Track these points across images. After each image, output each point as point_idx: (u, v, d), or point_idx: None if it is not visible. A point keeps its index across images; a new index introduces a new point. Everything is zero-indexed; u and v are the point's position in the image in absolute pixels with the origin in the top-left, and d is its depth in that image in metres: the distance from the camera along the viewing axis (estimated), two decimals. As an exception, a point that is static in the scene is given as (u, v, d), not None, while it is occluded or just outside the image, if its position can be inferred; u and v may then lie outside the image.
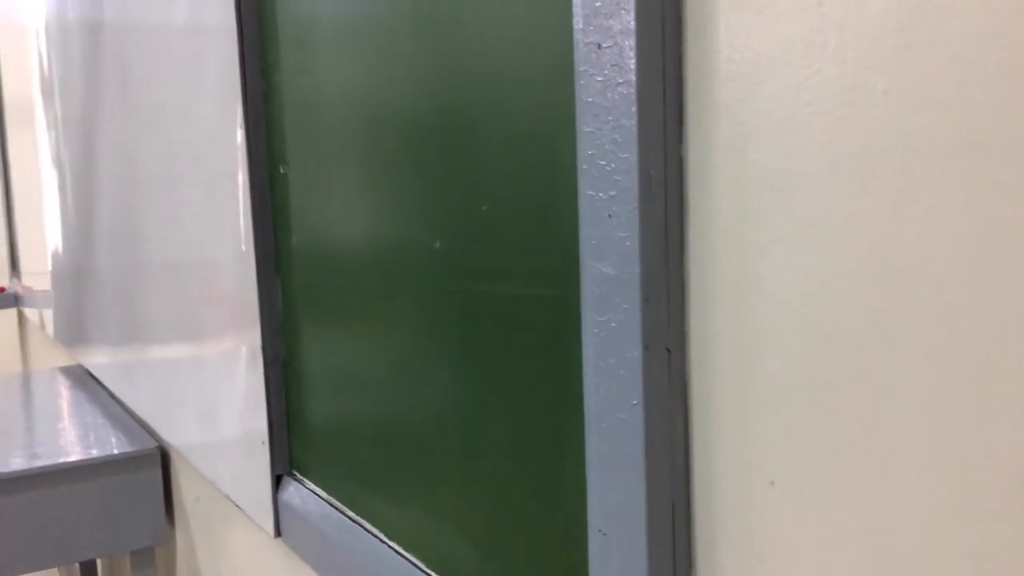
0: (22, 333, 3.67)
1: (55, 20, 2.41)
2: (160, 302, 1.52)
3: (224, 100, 1.09)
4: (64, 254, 2.40)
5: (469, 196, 0.68)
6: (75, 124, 2.12)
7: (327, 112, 0.90)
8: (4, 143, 3.62)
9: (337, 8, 0.86)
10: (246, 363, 1.12)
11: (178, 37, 1.27)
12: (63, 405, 2.02)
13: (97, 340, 2.09)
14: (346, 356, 0.92)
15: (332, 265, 0.93)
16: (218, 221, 1.18)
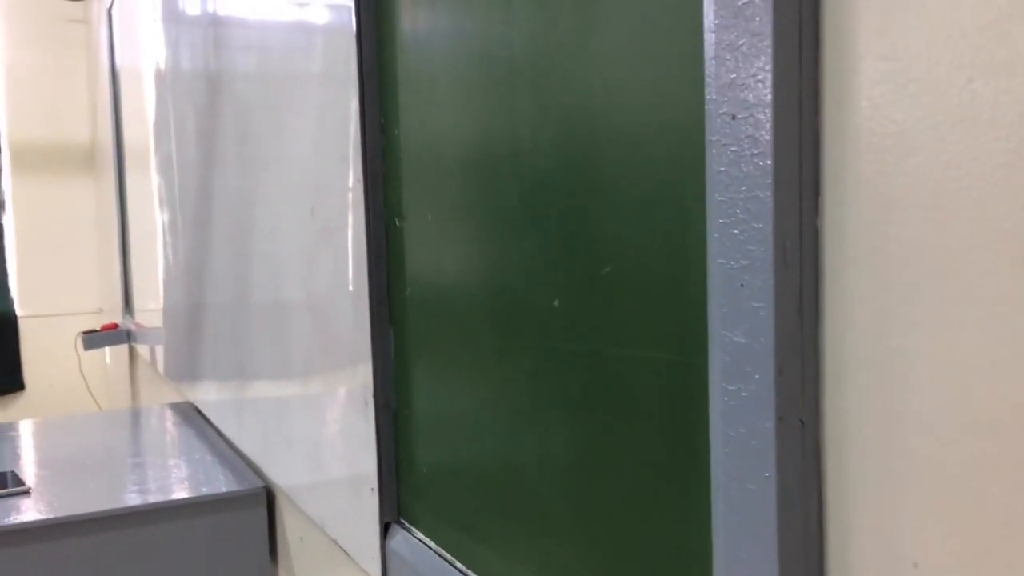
0: (133, 369, 3.82)
1: (169, 68, 2.53)
2: (269, 343, 1.57)
3: (343, 153, 1.13)
4: (175, 292, 2.49)
5: (591, 256, 0.69)
6: (189, 168, 2.21)
7: (445, 167, 0.92)
8: (122, 184, 3.80)
9: (458, 65, 0.88)
10: (357, 409, 1.14)
11: (300, 90, 1.32)
12: (173, 442, 2.09)
13: (206, 378, 2.16)
14: (458, 407, 0.93)
15: (446, 317, 0.94)
16: (332, 269, 1.21)
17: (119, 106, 3.70)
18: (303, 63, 1.32)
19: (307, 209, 1.31)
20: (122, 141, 3.71)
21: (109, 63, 3.82)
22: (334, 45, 1.17)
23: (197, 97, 2.07)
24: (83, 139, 4.90)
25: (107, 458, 2.03)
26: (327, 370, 1.29)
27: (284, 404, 1.51)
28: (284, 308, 1.47)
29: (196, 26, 2.10)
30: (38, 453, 2.07)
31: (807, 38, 0.49)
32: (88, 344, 3.53)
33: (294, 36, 1.35)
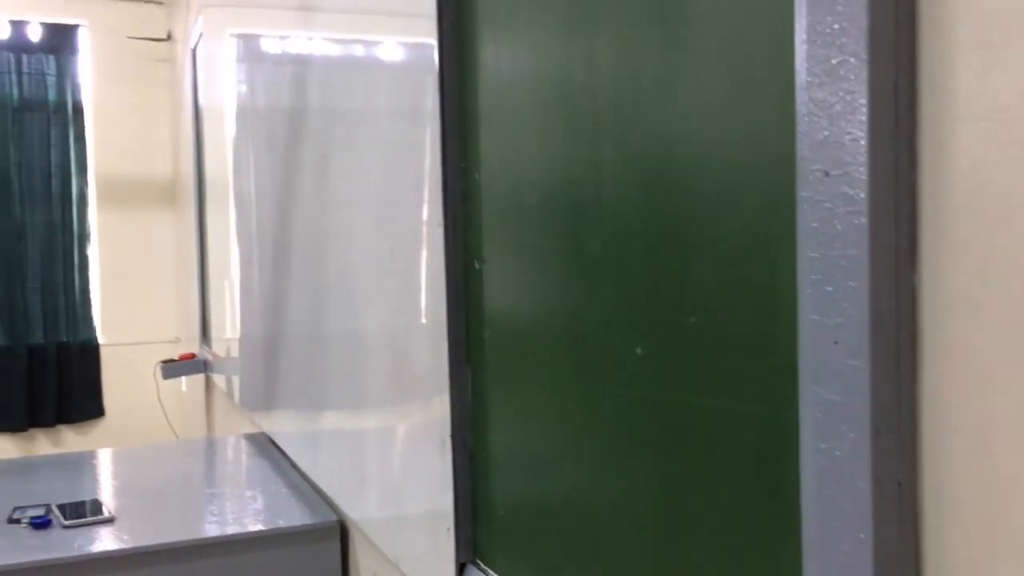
0: (208, 397, 3.90)
1: (249, 106, 2.61)
2: (345, 378, 1.60)
3: (424, 195, 1.15)
4: (252, 324, 2.55)
5: (676, 305, 0.69)
6: (267, 203, 2.27)
7: (526, 212, 0.93)
8: (202, 218, 3.91)
9: (540, 109, 0.90)
10: (434, 447, 1.15)
11: (380, 128, 1.35)
12: (248, 473, 2.13)
13: (281, 409, 2.20)
14: (536, 449, 0.94)
15: (525, 359, 0.95)
16: (411, 309, 1.23)
17: (201, 142, 3.83)
18: (384, 101, 1.35)
19: (386, 248, 1.34)
20: (203, 176, 3.83)
21: (192, 101, 3.96)
22: (416, 84, 1.19)
23: (277, 134, 2.13)
24: (165, 174, 5.07)
25: (185, 488, 2.08)
26: (403, 407, 1.31)
27: (359, 439, 1.53)
28: (360, 344, 1.49)
29: (276, 65, 2.16)
30: (119, 481, 2.12)
31: (903, 97, 0.48)
32: (167, 373, 3.62)
33: (375, 74, 1.39)
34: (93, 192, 5.01)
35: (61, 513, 1.72)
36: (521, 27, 0.94)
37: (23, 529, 1.65)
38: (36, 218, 4.86)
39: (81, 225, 4.99)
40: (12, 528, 1.66)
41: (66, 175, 4.93)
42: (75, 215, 4.96)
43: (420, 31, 1.16)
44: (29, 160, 4.84)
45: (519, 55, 0.95)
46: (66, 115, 4.91)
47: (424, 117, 1.16)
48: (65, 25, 4.90)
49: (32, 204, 4.85)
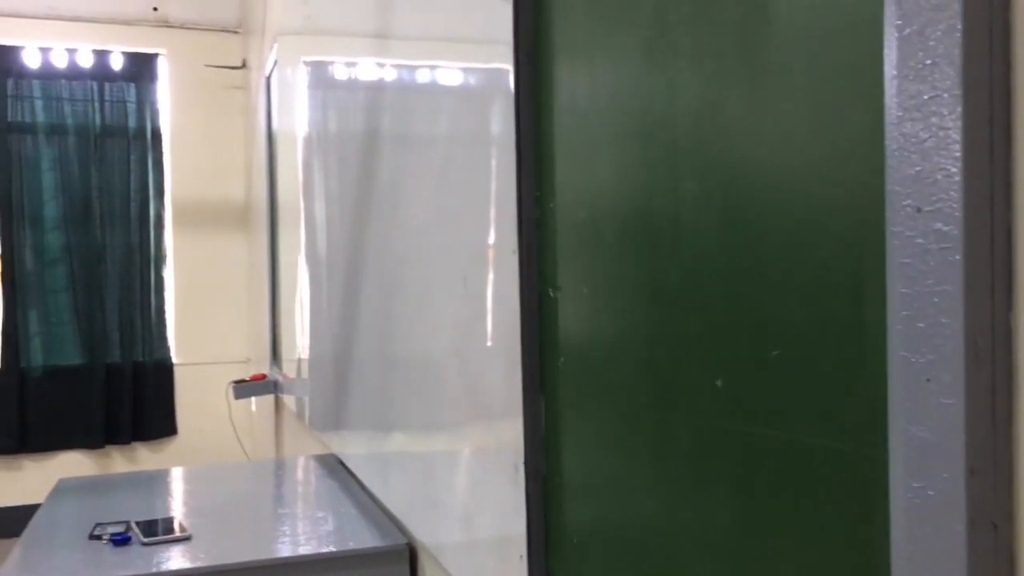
0: (278, 418, 3.97)
1: (321, 131, 2.67)
2: (416, 402, 1.61)
3: (498, 222, 1.17)
4: (323, 346, 2.59)
5: (757, 338, 0.69)
6: (339, 227, 2.31)
7: (602, 241, 0.93)
8: (274, 241, 4.00)
9: (617, 139, 0.90)
10: (506, 473, 1.16)
11: (454, 154, 1.37)
12: (318, 494, 2.16)
13: (351, 431, 2.23)
14: (611, 478, 0.93)
15: (600, 388, 0.95)
16: (484, 336, 1.24)
17: (274, 167, 3.92)
18: (457, 128, 1.37)
19: (459, 274, 1.35)
20: (275, 200, 3.92)
21: (266, 127, 4.06)
22: (490, 111, 1.21)
23: (349, 159, 2.17)
24: (238, 198, 5.20)
25: (258, 507, 2.11)
26: (476, 433, 1.32)
27: (429, 462, 1.55)
28: (432, 369, 1.51)
29: (349, 91, 2.21)
30: (193, 500, 2.17)
31: (998, 132, 0.48)
32: (238, 393, 3.70)
33: (449, 100, 1.41)
34: (169, 215, 5.16)
35: (140, 530, 1.77)
36: (599, 56, 0.95)
37: (104, 545, 1.70)
38: (115, 240, 5.03)
39: (157, 247, 5.14)
40: (94, 544, 1.71)
41: (144, 199, 5.09)
42: (152, 237, 5.11)
43: (496, 57, 1.17)
44: (110, 184, 5.01)
45: (596, 84, 0.95)
46: (145, 141, 5.08)
47: (498, 144, 1.18)
48: (145, 54, 5.08)
49: (112, 227, 5.02)
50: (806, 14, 0.64)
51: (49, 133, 4.92)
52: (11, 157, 4.83)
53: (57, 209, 4.92)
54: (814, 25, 0.63)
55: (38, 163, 4.90)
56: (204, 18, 5.12)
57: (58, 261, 4.94)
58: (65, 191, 4.92)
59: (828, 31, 0.62)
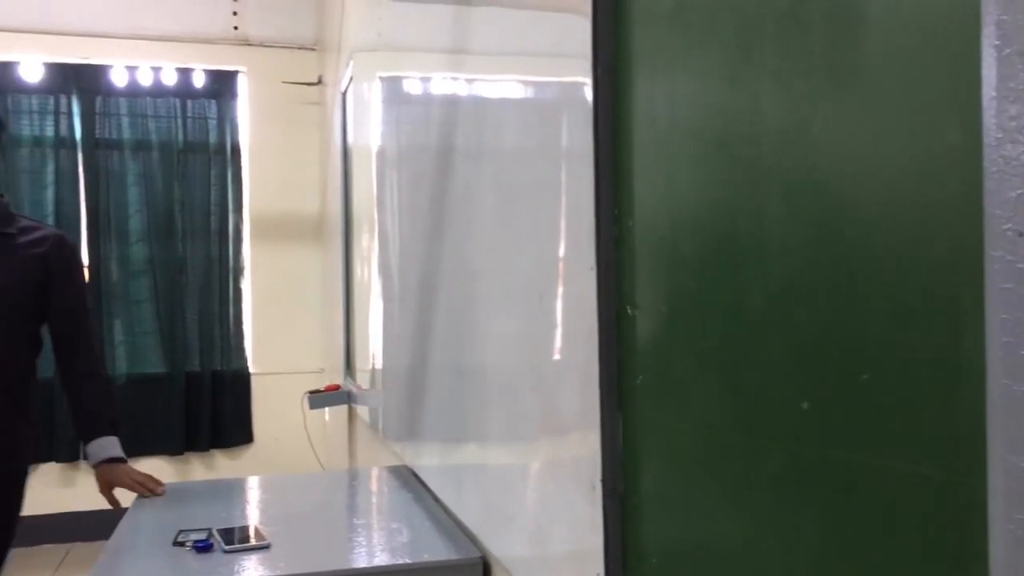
0: (351, 428, 4.03)
1: (395, 145, 2.71)
2: (490, 416, 1.62)
3: (575, 240, 1.17)
4: (397, 358, 2.62)
5: (846, 361, 0.68)
6: (414, 239, 2.34)
7: (683, 260, 0.93)
8: (348, 254, 4.07)
9: (701, 160, 0.90)
10: (583, 491, 1.15)
11: (531, 169, 1.38)
12: (392, 505, 2.19)
13: (425, 443, 2.25)
14: (692, 499, 0.93)
15: (680, 408, 0.94)
16: (560, 352, 1.25)
17: (349, 181, 3.99)
18: (533, 143, 1.37)
19: (534, 290, 1.36)
20: (350, 213, 3.99)
21: (341, 142, 4.13)
22: (567, 127, 1.21)
23: (424, 173, 2.19)
24: (313, 211, 5.30)
25: (333, 517, 2.15)
26: (550, 448, 1.32)
27: (504, 476, 1.55)
28: (506, 383, 1.51)
29: (424, 105, 2.24)
30: (271, 508, 2.22)
31: (1106, 155, 0.46)
32: (313, 403, 3.76)
33: (524, 116, 1.42)
34: (247, 228, 5.29)
35: (221, 538, 1.81)
36: (680, 72, 0.95)
37: (187, 552, 1.75)
38: (196, 252, 5.17)
39: (236, 259, 5.28)
40: (177, 551, 1.76)
41: (223, 212, 5.23)
42: (231, 250, 5.25)
43: (573, 71, 1.18)
44: (191, 198, 5.17)
45: (677, 100, 0.95)
46: (225, 156, 5.22)
47: (574, 159, 1.18)
48: (226, 72, 5.22)
49: (192, 239, 5.17)
50: (897, 33, 0.63)
51: (135, 149, 5.09)
52: (99, 172, 5.01)
53: (141, 222, 5.08)
54: (905, 45, 0.62)
55: (124, 178, 5.07)
56: (282, 36, 5.25)
57: (142, 273, 5.10)
58: (149, 205, 5.09)
59: (920, 50, 0.61)
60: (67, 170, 4.96)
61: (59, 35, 4.86)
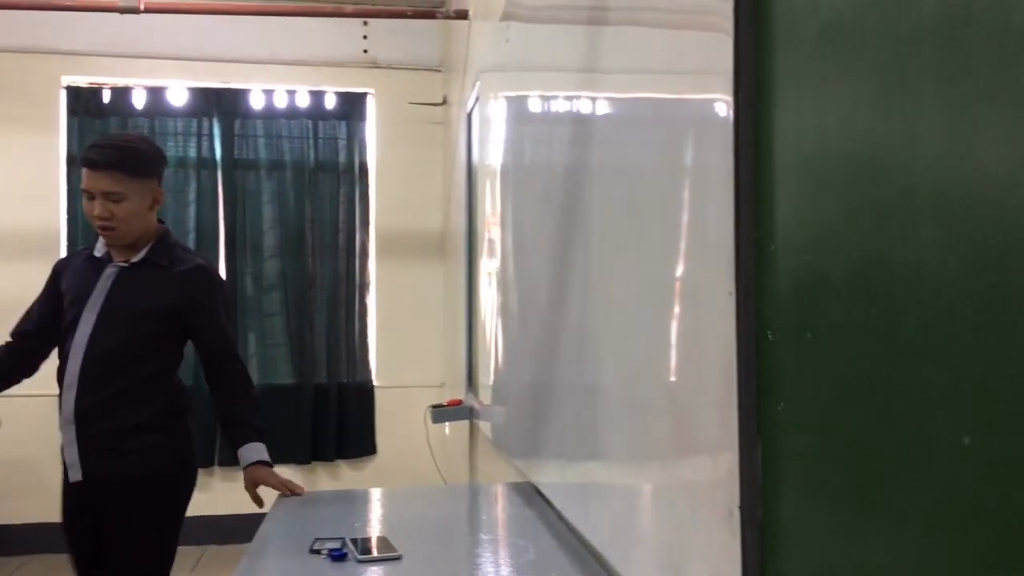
0: (472, 443, 4.08)
1: (520, 163, 2.74)
2: (618, 436, 1.62)
3: (713, 263, 1.16)
4: (520, 374, 2.65)
5: (1014, 395, 0.65)
6: (538, 256, 2.35)
7: (829, 287, 0.91)
8: (471, 270, 4.14)
9: (849, 186, 0.88)
10: (720, 518, 1.14)
11: (663, 193, 1.38)
12: (516, 522, 2.20)
13: (549, 460, 2.26)
14: (838, 531, 0.91)
15: (826, 437, 0.93)
16: (696, 376, 1.24)
17: (473, 199, 4.06)
18: (667, 163, 1.37)
19: (668, 312, 1.35)
20: (473, 230, 4.05)
21: (466, 160, 4.21)
22: (706, 147, 1.20)
23: (551, 192, 2.21)
24: (436, 227, 5.41)
25: (459, 531, 2.18)
26: (684, 472, 1.31)
27: (634, 497, 1.55)
28: (637, 404, 1.51)
29: (551, 124, 2.26)
30: (398, 520, 2.27)
31: None
32: (436, 418, 3.83)
33: (659, 134, 1.41)
34: (373, 244, 5.45)
35: (354, 547, 1.86)
36: (828, 96, 0.93)
37: (323, 560, 1.81)
38: (324, 268, 5.36)
39: (362, 275, 5.44)
40: (314, 559, 1.82)
41: (351, 229, 5.40)
42: (357, 265, 5.41)
43: (712, 90, 1.17)
44: (320, 216, 5.36)
45: (825, 124, 0.94)
46: (353, 174, 5.40)
47: (712, 181, 1.17)
48: (355, 93, 5.40)
49: (321, 255, 5.35)
50: (1072, 57, 0.61)
51: (269, 169, 5.32)
52: (236, 191, 5.25)
53: (274, 239, 5.30)
54: (1082, 69, 0.60)
55: (259, 196, 5.30)
56: (409, 58, 5.39)
57: (274, 287, 5.31)
58: (282, 222, 5.30)
59: (1099, 75, 0.58)
60: (207, 189, 5.22)
61: (203, 61, 5.13)
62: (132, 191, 2.45)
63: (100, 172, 2.43)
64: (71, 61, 5.05)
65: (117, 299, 2.48)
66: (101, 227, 2.47)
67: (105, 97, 5.15)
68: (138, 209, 2.47)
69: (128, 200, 2.45)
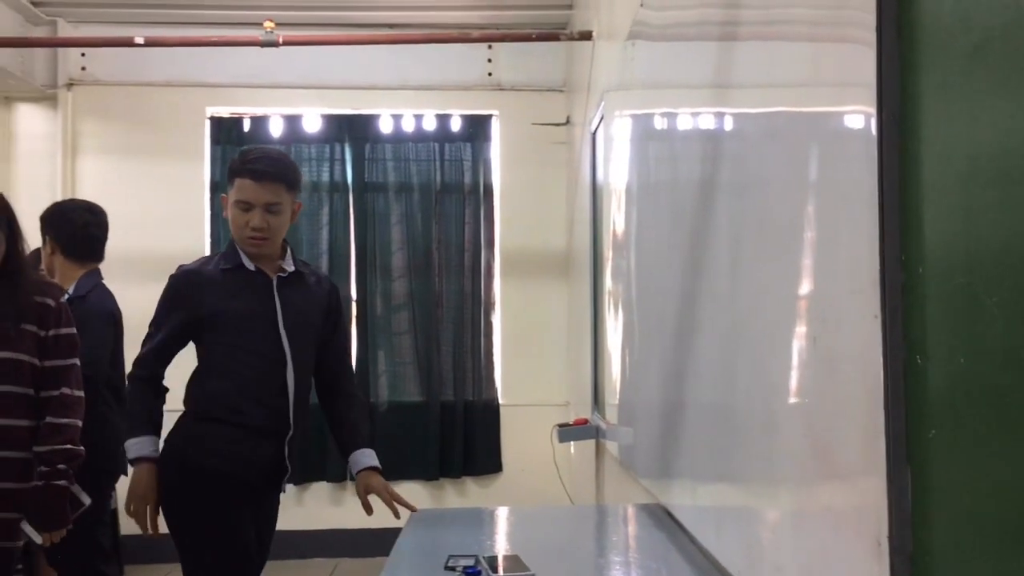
0: (598, 463, 4.07)
1: (648, 181, 2.73)
2: (754, 457, 1.58)
3: (855, 285, 1.13)
4: (650, 395, 2.63)
5: None
6: (668, 275, 2.33)
7: (988, 312, 0.88)
8: (596, 289, 4.13)
9: (1009, 207, 0.85)
10: (865, 547, 1.11)
11: (804, 212, 1.35)
12: (648, 545, 2.18)
13: (680, 481, 2.23)
14: (994, 566, 0.87)
15: (983, 468, 0.89)
16: (836, 399, 1.20)
17: (598, 218, 4.06)
18: (807, 179, 1.34)
19: (807, 334, 1.32)
20: (599, 249, 4.05)
21: (590, 179, 4.23)
22: (847, 163, 1.18)
23: (681, 210, 2.20)
24: (559, 247, 5.43)
25: (590, 551, 2.18)
26: (825, 498, 1.27)
27: (771, 522, 1.51)
28: (774, 426, 1.48)
29: (681, 141, 2.25)
30: (527, 539, 2.28)
31: None
32: (563, 437, 3.84)
33: (796, 149, 1.38)
34: (498, 264, 5.52)
35: (488, 565, 1.89)
36: (982, 111, 0.90)
37: (458, 576, 1.84)
38: (450, 287, 5.46)
39: (487, 294, 5.51)
40: (449, 575, 1.85)
41: (476, 249, 5.49)
42: (482, 285, 5.49)
43: (853, 103, 1.14)
44: (447, 236, 5.47)
45: (979, 141, 0.90)
46: (478, 196, 5.49)
47: (854, 199, 1.14)
48: (480, 116, 5.50)
49: (447, 275, 5.46)
50: None
51: (397, 191, 5.47)
52: (366, 213, 5.43)
53: (403, 259, 5.44)
54: None
55: (388, 218, 5.46)
56: (533, 80, 5.46)
57: (402, 306, 5.45)
58: (409, 243, 5.44)
59: None
60: (339, 212, 5.42)
61: (336, 89, 5.33)
62: (286, 203, 2.56)
63: (265, 184, 2.51)
64: (215, 93, 5.34)
65: (293, 309, 2.59)
66: (254, 238, 2.52)
67: (245, 126, 5.43)
68: (287, 221, 2.59)
69: (283, 212, 2.55)
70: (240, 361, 2.52)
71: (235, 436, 2.50)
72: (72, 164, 5.24)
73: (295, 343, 2.55)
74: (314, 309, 2.64)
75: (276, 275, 2.59)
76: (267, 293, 2.56)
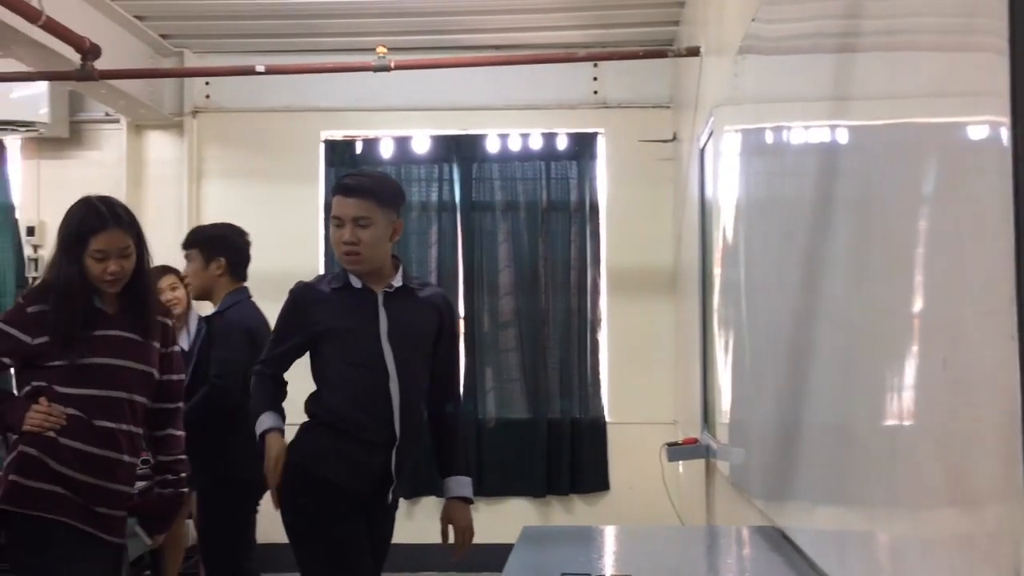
0: (708, 483, 4.00)
1: (760, 196, 2.68)
2: (879, 481, 1.53)
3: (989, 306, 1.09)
4: (764, 414, 2.57)
5: None
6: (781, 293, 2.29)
7: None
8: (706, 306, 4.08)
9: None
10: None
11: (932, 227, 1.31)
12: (765, 568, 2.13)
13: (798, 503, 2.18)
14: None
15: None
16: (970, 423, 1.16)
17: (707, 235, 4.01)
18: (930, 192, 1.30)
19: (936, 355, 1.28)
20: (708, 266, 4.00)
21: (698, 196, 4.18)
22: (975, 174, 1.13)
23: (796, 225, 2.15)
24: (666, 264, 5.38)
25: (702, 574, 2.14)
26: (956, 524, 1.23)
27: (898, 550, 1.46)
28: (901, 449, 1.43)
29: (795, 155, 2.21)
30: (639, 559, 2.26)
31: None
32: (672, 456, 3.80)
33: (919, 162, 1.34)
34: (604, 281, 5.50)
35: (602, 584, 1.88)
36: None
37: (572, 595, 1.84)
38: (557, 305, 5.48)
39: (593, 311, 5.51)
40: (563, 593, 1.86)
41: (582, 266, 5.50)
42: (588, 302, 5.49)
43: (983, 113, 1.10)
44: (553, 254, 5.50)
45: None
46: (584, 213, 5.50)
47: (985, 214, 1.10)
48: (586, 134, 5.52)
49: (554, 292, 5.48)
50: None
51: (504, 209, 5.53)
52: (473, 232, 5.50)
53: (510, 277, 5.49)
54: None
55: (495, 236, 5.52)
56: (638, 97, 5.44)
57: (509, 324, 5.49)
58: (516, 261, 5.48)
59: None
60: (447, 230, 5.51)
61: (444, 111, 5.43)
62: (378, 218, 2.60)
63: (352, 198, 2.60)
64: (329, 117, 5.51)
65: (398, 322, 2.64)
66: (347, 252, 2.59)
67: (357, 148, 5.59)
68: (382, 236, 2.62)
69: (374, 227, 2.59)
70: (345, 374, 2.62)
71: (344, 445, 2.59)
72: (197, 188, 5.49)
73: (400, 354, 2.60)
74: (422, 322, 2.68)
75: (383, 291, 2.65)
76: (372, 308, 2.63)
